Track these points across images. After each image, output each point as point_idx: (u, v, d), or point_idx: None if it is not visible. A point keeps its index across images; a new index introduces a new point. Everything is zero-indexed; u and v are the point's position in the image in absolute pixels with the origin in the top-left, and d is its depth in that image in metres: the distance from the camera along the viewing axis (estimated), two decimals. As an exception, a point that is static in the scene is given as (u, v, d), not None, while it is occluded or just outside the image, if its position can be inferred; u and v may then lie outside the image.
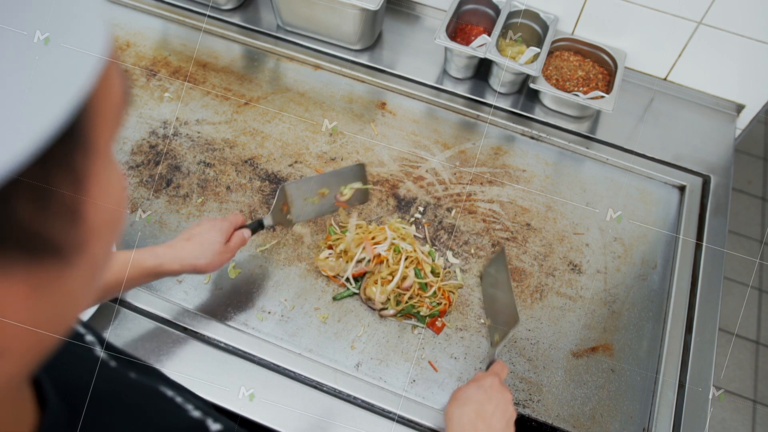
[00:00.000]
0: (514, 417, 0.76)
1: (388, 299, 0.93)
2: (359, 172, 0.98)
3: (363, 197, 1.01)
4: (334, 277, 0.97)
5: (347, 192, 0.97)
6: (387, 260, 0.93)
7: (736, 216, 2.22)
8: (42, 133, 0.18)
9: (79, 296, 0.24)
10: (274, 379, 0.88)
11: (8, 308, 0.20)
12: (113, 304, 0.91)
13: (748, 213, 2.25)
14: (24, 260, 0.20)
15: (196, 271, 0.81)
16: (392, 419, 0.86)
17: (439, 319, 0.94)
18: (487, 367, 0.85)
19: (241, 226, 0.89)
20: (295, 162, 1.10)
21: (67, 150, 0.20)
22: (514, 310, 0.85)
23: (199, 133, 1.13)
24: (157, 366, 0.87)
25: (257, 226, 0.91)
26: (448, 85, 1.22)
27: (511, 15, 1.20)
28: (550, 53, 1.22)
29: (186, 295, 0.95)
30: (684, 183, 1.13)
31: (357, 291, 0.95)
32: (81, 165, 0.20)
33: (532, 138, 1.18)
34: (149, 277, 0.79)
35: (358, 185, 0.98)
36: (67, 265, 0.22)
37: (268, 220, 0.92)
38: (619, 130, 1.19)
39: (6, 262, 0.19)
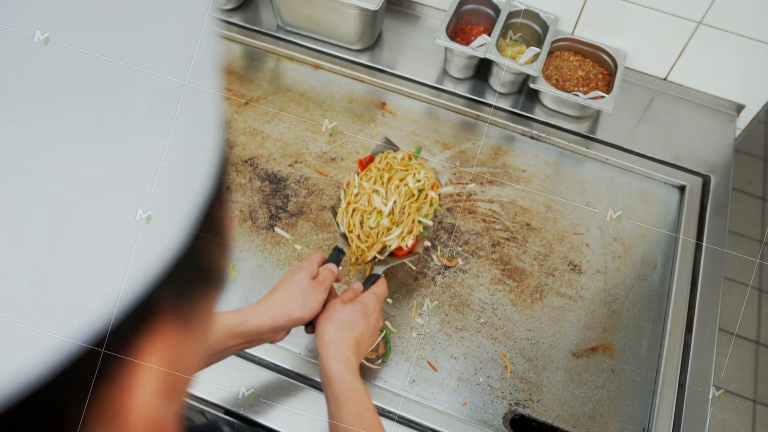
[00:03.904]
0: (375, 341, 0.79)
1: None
2: (389, 144, 0.95)
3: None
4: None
5: None
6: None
7: (736, 216, 2.22)
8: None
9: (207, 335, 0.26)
10: (274, 379, 0.88)
11: (169, 343, 0.21)
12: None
13: (748, 213, 2.25)
14: (179, 294, 0.21)
15: (293, 320, 0.72)
16: (392, 419, 0.86)
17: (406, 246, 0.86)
18: (368, 279, 0.83)
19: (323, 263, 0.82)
20: (295, 162, 1.10)
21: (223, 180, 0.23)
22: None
23: (199, 133, 1.13)
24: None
25: (336, 255, 0.85)
26: (448, 85, 1.22)
27: (511, 15, 1.20)
28: (550, 53, 1.22)
29: (186, 295, 0.95)
30: (684, 183, 1.14)
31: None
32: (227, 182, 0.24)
33: (532, 138, 1.18)
34: (238, 338, 0.69)
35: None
36: (214, 291, 0.24)
37: (341, 243, 0.87)
38: (619, 130, 1.19)
39: (172, 296, 0.21)
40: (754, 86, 1.19)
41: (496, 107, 1.20)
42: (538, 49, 1.16)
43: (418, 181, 0.88)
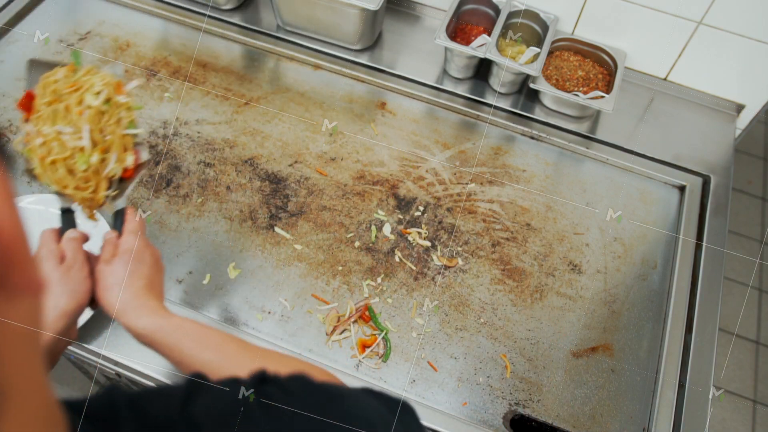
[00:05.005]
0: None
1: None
2: None
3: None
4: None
5: None
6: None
7: (736, 216, 2.22)
8: None
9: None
10: (274, 379, 0.88)
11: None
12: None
13: (748, 213, 2.25)
14: None
15: (71, 313, 0.65)
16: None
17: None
18: (116, 219, 0.72)
19: (60, 235, 0.72)
20: (295, 162, 1.10)
21: None
22: None
23: (199, 133, 1.13)
24: (159, 367, 0.87)
25: (68, 218, 0.74)
26: (448, 85, 1.22)
27: (511, 15, 1.20)
28: (550, 53, 1.22)
29: (186, 295, 0.95)
30: (684, 183, 1.14)
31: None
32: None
33: (532, 138, 1.18)
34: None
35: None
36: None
37: (64, 202, 0.74)
38: (619, 130, 1.19)
39: None
40: (754, 86, 1.19)
41: (496, 107, 1.20)
42: (538, 49, 1.16)
43: (98, 93, 0.72)
